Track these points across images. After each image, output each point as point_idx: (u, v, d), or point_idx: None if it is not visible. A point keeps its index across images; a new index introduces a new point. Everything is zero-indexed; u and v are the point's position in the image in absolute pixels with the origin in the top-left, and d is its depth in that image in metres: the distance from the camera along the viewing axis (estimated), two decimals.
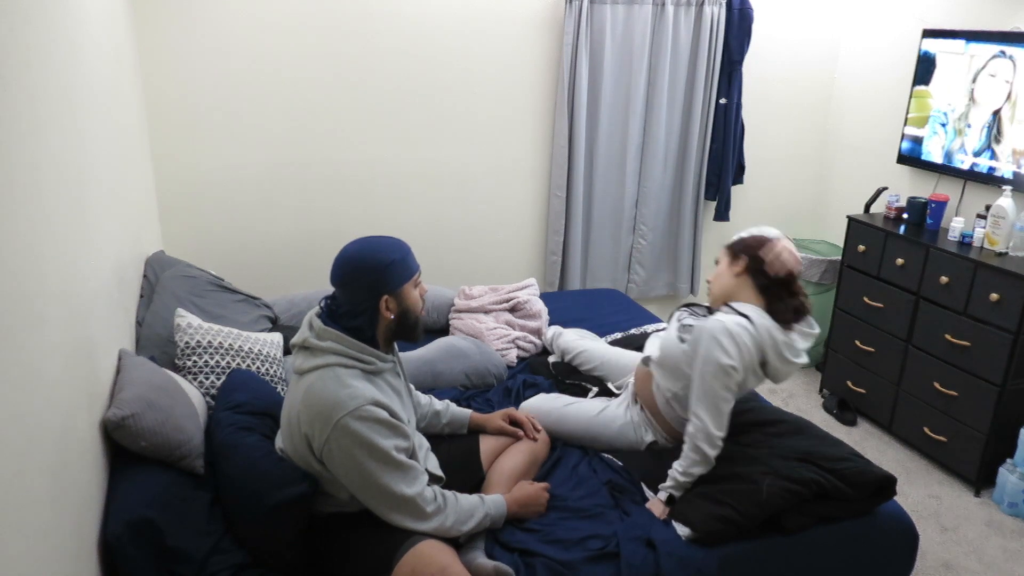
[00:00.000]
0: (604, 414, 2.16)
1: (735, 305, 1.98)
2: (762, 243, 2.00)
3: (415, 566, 1.56)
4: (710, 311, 2.07)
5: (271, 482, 1.59)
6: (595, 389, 2.41)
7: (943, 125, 3.24)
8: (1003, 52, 2.94)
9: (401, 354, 1.98)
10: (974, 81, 3.07)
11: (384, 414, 1.59)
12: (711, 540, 1.77)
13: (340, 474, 1.60)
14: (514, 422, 2.09)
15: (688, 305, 2.18)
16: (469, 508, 1.71)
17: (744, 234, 2.07)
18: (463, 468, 1.95)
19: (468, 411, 2.10)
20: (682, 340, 1.99)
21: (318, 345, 1.63)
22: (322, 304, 1.70)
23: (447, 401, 2.11)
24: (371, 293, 1.63)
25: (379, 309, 1.65)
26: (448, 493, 1.70)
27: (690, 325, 2.00)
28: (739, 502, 1.79)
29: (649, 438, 2.11)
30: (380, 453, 1.57)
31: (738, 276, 2.01)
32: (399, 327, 1.70)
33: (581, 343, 2.59)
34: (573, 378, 2.50)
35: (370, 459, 1.56)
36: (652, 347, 2.20)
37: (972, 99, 3.10)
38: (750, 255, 2.00)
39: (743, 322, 1.90)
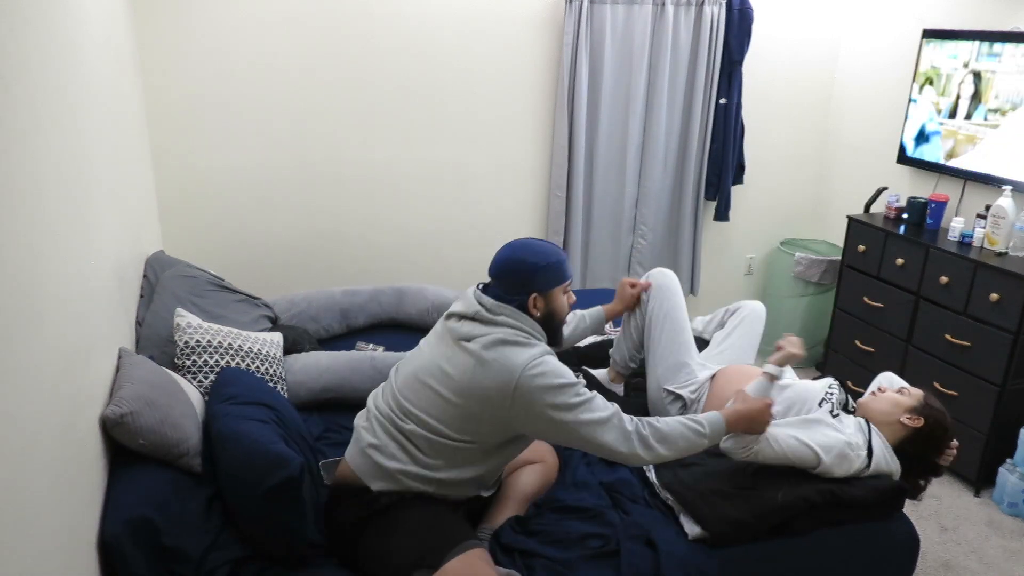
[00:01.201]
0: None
1: (874, 434, 1.98)
2: (946, 425, 2.02)
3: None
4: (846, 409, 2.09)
5: (262, 468, 1.58)
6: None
7: (941, 124, 3.24)
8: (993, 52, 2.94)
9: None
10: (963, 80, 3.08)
11: (558, 362, 1.68)
12: (719, 542, 1.77)
13: (530, 418, 1.64)
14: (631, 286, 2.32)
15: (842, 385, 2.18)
16: (682, 436, 1.71)
17: (933, 399, 2.07)
18: None
19: (599, 309, 2.30)
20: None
21: (492, 317, 1.70)
22: (479, 288, 1.78)
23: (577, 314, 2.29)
24: (523, 289, 1.72)
25: (527, 305, 1.73)
26: (646, 420, 1.70)
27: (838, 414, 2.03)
28: (754, 507, 1.80)
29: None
30: (566, 388, 1.62)
31: (906, 421, 1.99)
32: (545, 327, 1.77)
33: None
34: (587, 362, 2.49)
35: (558, 396, 1.61)
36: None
37: (970, 97, 3.10)
38: (931, 425, 1.99)
39: (862, 454, 1.93)
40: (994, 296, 2.75)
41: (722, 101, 3.67)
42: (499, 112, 3.45)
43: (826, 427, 1.94)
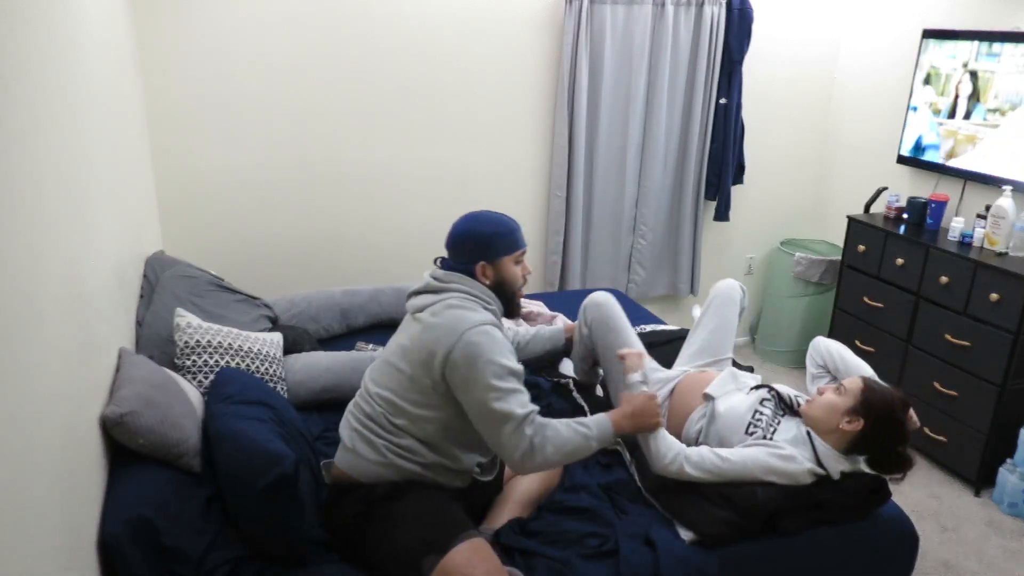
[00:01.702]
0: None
1: (817, 444, 1.87)
2: (894, 413, 1.84)
3: (458, 564, 1.57)
4: (792, 410, 1.99)
5: (258, 466, 1.58)
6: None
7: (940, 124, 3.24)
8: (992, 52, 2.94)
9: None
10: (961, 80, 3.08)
11: (504, 338, 1.70)
12: (714, 543, 1.77)
13: (458, 383, 1.65)
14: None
15: (769, 389, 2.04)
16: (569, 440, 1.69)
17: (876, 386, 1.88)
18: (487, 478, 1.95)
19: (560, 327, 2.32)
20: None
21: (442, 285, 1.76)
22: (436, 262, 1.86)
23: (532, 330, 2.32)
24: (471, 257, 1.77)
25: (475, 273, 1.77)
26: (550, 424, 1.69)
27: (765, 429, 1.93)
28: (738, 508, 1.79)
29: None
30: (498, 367, 1.63)
31: (846, 427, 1.85)
32: (497, 296, 1.80)
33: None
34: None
35: (487, 371, 1.62)
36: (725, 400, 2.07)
37: (967, 97, 3.10)
38: (876, 421, 1.83)
39: (807, 470, 1.83)
40: (994, 296, 2.75)
41: (722, 101, 3.67)
42: (499, 112, 3.45)
43: (756, 451, 1.87)
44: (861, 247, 3.40)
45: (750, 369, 4.09)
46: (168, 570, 1.47)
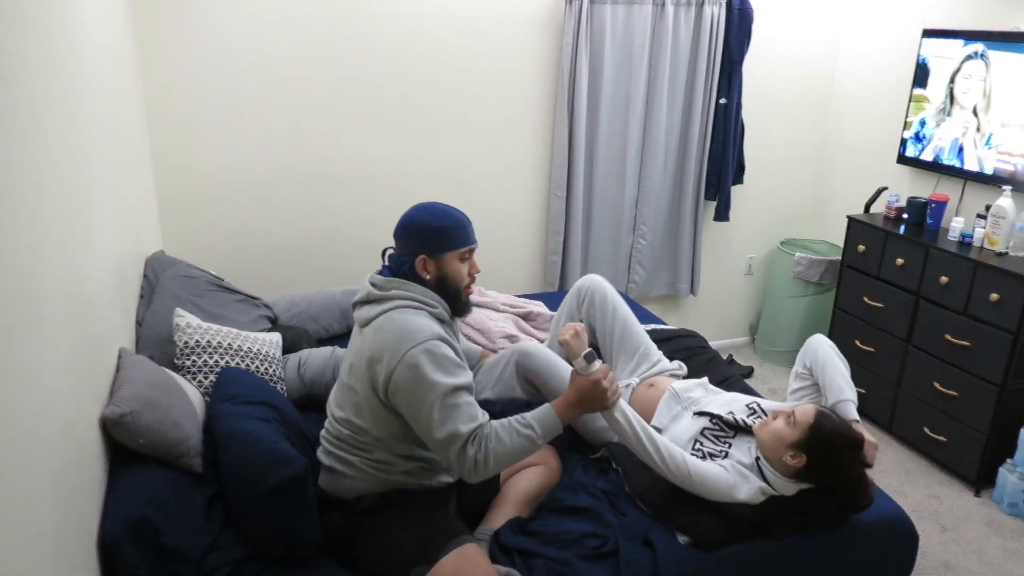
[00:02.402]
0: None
1: (766, 471, 1.83)
2: (835, 455, 1.75)
3: (460, 567, 1.56)
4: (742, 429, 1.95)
5: (265, 466, 1.58)
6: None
7: (938, 125, 3.24)
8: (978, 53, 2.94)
9: None
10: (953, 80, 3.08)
11: (449, 351, 1.63)
12: (708, 545, 1.77)
13: (402, 404, 1.62)
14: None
15: (712, 418, 1.98)
16: (512, 447, 1.63)
17: (826, 423, 1.77)
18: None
19: (478, 348, 2.29)
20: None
21: (383, 294, 1.70)
22: (383, 260, 1.81)
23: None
24: (414, 248, 1.72)
25: (415, 267, 1.72)
26: (493, 435, 1.62)
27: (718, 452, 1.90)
28: (725, 510, 1.79)
29: None
30: (441, 388, 1.58)
31: (789, 461, 1.79)
32: (440, 292, 1.74)
33: None
34: None
35: (429, 395, 1.58)
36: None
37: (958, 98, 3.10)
38: (817, 460, 1.76)
39: (758, 490, 1.81)
40: (994, 296, 2.75)
41: (722, 101, 3.67)
42: (499, 112, 3.45)
43: (719, 472, 1.83)
44: (861, 247, 3.40)
45: (750, 369, 4.11)
46: (168, 570, 1.47)
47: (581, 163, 3.55)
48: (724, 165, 3.74)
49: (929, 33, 3.27)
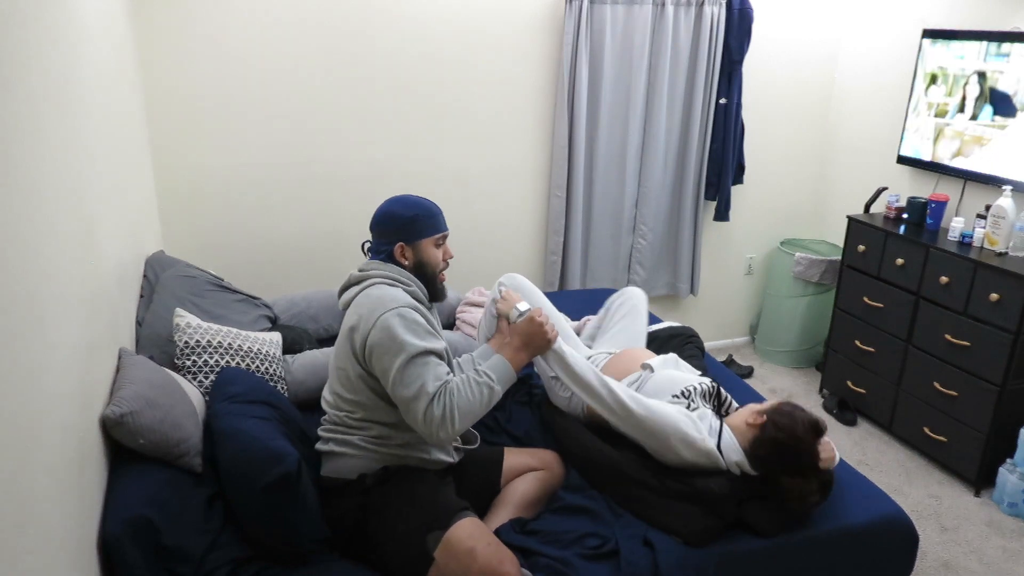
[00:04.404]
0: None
1: (724, 433, 1.88)
2: (793, 426, 1.79)
3: (449, 551, 1.61)
4: (720, 409, 2.03)
5: (260, 464, 1.59)
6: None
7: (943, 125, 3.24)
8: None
9: None
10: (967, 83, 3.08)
11: (421, 318, 1.73)
12: (700, 542, 1.77)
13: (376, 366, 1.70)
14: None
15: (713, 380, 2.06)
16: (475, 399, 1.71)
17: (798, 410, 1.84)
18: (483, 477, 1.96)
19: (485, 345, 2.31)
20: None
21: (362, 275, 1.83)
22: (363, 252, 1.94)
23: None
24: (391, 238, 1.85)
25: (394, 254, 1.84)
26: (455, 390, 1.69)
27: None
28: (705, 505, 1.79)
29: None
30: (411, 348, 1.67)
31: (751, 421, 1.86)
32: (418, 277, 1.86)
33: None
34: None
35: (400, 355, 1.66)
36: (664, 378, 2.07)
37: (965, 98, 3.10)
38: (772, 428, 1.81)
39: (709, 449, 1.85)
40: (994, 296, 2.75)
41: (722, 101, 3.67)
42: (499, 112, 3.45)
43: (671, 408, 1.89)
44: (861, 247, 3.40)
45: (750, 369, 4.11)
46: (168, 570, 1.47)
47: (581, 163, 3.55)
48: (724, 165, 3.74)
49: (929, 33, 3.27)
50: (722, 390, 2.06)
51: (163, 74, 2.93)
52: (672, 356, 2.22)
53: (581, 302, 3.19)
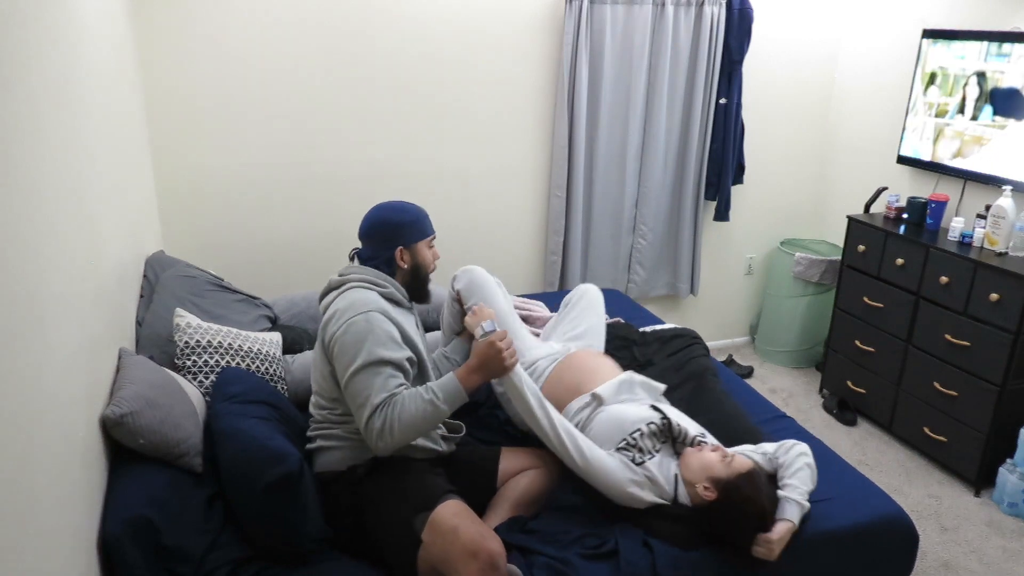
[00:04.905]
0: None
1: (680, 490, 1.83)
2: (741, 516, 1.71)
3: (435, 530, 1.63)
4: (676, 442, 1.92)
5: (261, 464, 1.60)
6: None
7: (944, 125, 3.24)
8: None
9: None
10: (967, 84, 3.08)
11: (388, 326, 1.75)
12: (691, 546, 1.76)
13: (336, 366, 1.75)
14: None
15: (663, 417, 1.92)
16: (417, 414, 1.70)
17: (757, 484, 1.74)
18: (479, 477, 1.96)
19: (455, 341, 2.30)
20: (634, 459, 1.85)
21: (342, 280, 1.86)
22: (351, 261, 1.95)
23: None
24: (389, 244, 1.89)
25: (395, 258, 1.89)
26: (400, 404, 1.69)
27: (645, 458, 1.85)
28: (682, 518, 1.79)
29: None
30: (367, 355, 1.70)
31: (702, 492, 1.78)
32: (412, 280, 1.94)
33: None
34: None
35: (357, 358, 1.70)
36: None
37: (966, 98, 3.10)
38: (724, 505, 1.74)
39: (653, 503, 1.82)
40: (994, 296, 2.75)
41: (722, 101, 3.67)
42: (499, 112, 3.45)
43: (618, 471, 1.82)
44: (861, 247, 3.40)
45: (750, 369, 4.11)
46: (168, 569, 1.47)
47: (581, 163, 3.55)
48: (724, 165, 3.74)
49: (929, 33, 3.27)
50: (673, 423, 1.91)
51: (163, 74, 2.93)
52: (627, 377, 2.07)
53: None
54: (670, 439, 1.93)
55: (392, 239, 1.90)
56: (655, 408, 1.95)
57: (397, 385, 1.73)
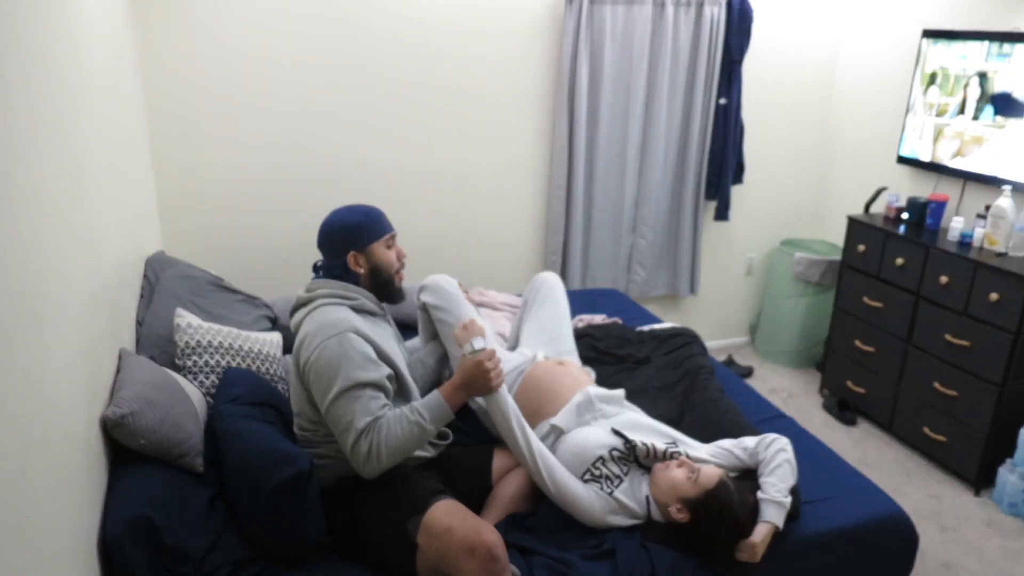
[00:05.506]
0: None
1: (653, 511, 1.83)
2: (724, 528, 1.71)
3: (429, 532, 1.61)
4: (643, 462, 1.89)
5: (269, 464, 1.60)
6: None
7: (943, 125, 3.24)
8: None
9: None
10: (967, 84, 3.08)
11: (362, 344, 1.71)
12: (683, 545, 1.77)
13: (314, 391, 1.71)
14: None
15: (626, 442, 1.88)
16: (404, 436, 1.69)
17: (724, 495, 1.72)
18: (473, 476, 1.96)
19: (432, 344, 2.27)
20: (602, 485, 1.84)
21: (309, 296, 1.82)
22: (314, 272, 1.92)
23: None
24: (342, 250, 1.85)
25: (348, 264, 1.84)
26: (385, 426, 1.67)
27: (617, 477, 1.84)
28: (671, 526, 1.79)
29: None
30: (344, 380, 1.66)
31: (674, 513, 1.77)
32: (375, 283, 1.88)
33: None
34: None
35: (334, 384, 1.66)
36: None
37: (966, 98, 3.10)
38: (698, 525, 1.74)
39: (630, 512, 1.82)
40: (994, 296, 2.75)
41: (722, 101, 3.67)
42: (499, 112, 3.45)
43: (594, 500, 1.81)
44: (861, 247, 3.40)
45: (750, 369, 4.11)
46: (169, 570, 1.47)
47: (581, 163, 3.55)
48: (724, 165, 3.74)
49: (929, 33, 3.27)
50: (638, 446, 1.86)
51: (163, 74, 2.93)
52: (584, 398, 1.99)
53: (581, 302, 3.19)
54: (637, 462, 1.89)
55: (343, 245, 1.84)
56: (616, 432, 1.90)
57: (380, 407, 1.69)
